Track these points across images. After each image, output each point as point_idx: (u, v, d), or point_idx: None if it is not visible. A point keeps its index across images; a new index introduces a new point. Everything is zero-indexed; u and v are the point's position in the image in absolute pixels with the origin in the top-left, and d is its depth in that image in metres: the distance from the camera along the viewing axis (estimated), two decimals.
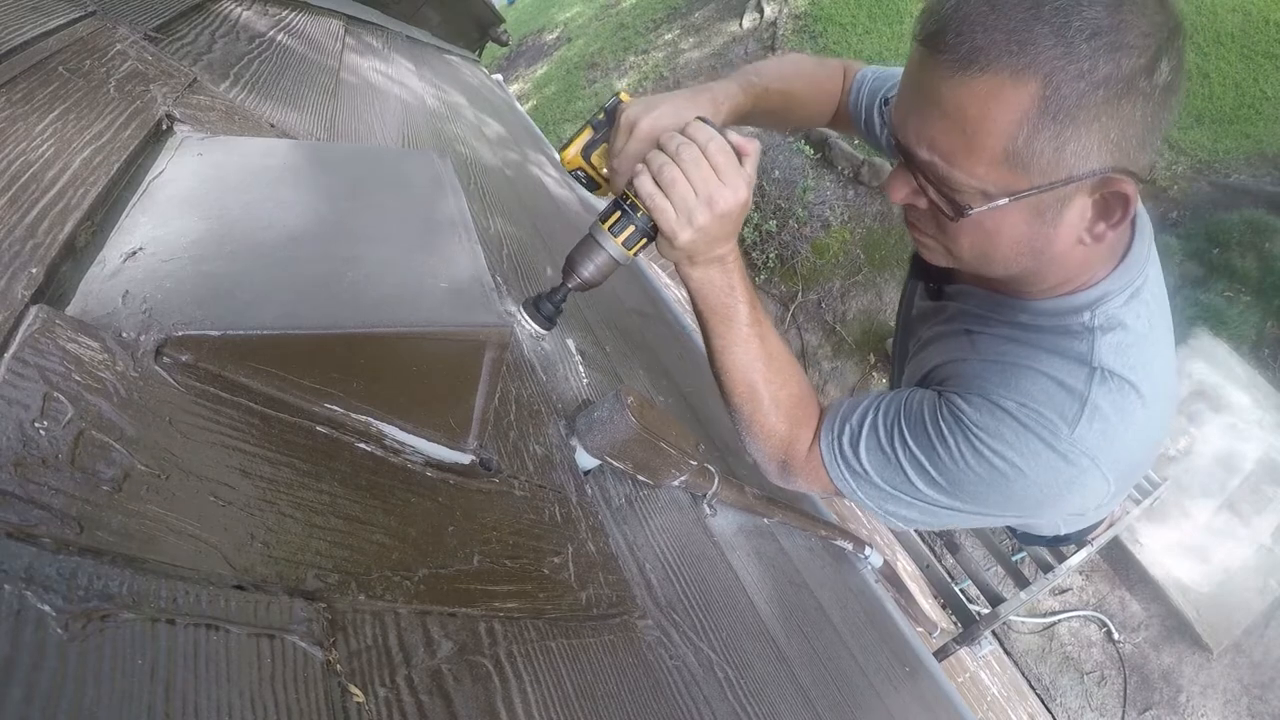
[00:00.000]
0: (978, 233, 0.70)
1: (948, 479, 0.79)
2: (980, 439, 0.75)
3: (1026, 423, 0.73)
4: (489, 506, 0.52)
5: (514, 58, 9.66)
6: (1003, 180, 0.64)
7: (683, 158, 0.71)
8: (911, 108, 0.67)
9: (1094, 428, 0.72)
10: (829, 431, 0.87)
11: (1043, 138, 0.60)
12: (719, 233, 0.74)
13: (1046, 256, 0.71)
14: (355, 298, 0.46)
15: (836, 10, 6.78)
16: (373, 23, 2.00)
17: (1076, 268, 0.74)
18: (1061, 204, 0.65)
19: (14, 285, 0.36)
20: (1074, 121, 0.59)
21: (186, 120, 0.63)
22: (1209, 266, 4.21)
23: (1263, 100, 4.99)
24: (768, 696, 0.69)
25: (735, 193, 0.72)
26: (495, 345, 0.51)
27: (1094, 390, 0.72)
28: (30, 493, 0.27)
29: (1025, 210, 0.66)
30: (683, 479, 0.81)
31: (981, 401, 0.76)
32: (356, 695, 0.32)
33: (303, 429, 0.43)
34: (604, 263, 0.76)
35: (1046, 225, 0.67)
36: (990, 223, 0.68)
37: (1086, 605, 3.72)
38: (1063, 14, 0.57)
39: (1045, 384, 0.74)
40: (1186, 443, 3.76)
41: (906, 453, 0.81)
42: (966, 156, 0.64)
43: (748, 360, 0.84)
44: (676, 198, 0.71)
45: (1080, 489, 0.75)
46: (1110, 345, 0.73)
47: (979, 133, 0.62)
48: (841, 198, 5.25)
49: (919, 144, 0.66)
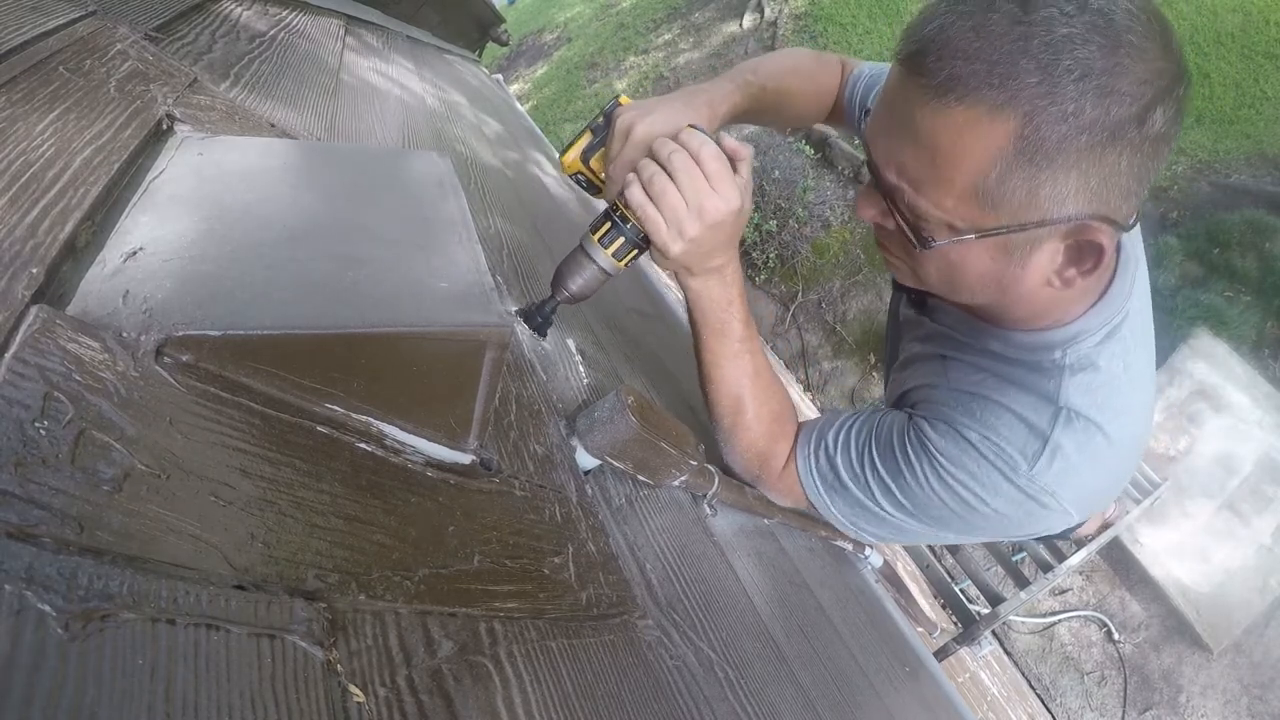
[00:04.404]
0: (943, 262, 0.68)
1: (913, 502, 0.81)
2: (944, 467, 0.76)
3: (988, 455, 0.74)
4: (489, 506, 0.52)
5: (514, 58, 9.66)
6: (971, 216, 0.61)
7: (674, 166, 0.68)
8: (884, 128, 0.64)
9: (1054, 466, 0.72)
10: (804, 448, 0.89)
11: (1016, 178, 0.57)
12: (713, 243, 0.72)
13: (1013, 294, 0.69)
14: (356, 297, 0.46)
15: (836, 10, 6.78)
16: (373, 23, 2.00)
17: (1045, 306, 0.71)
18: (1031, 245, 0.63)
19: (14, 285, 0.36)
20: (1051, 165, 0.56)
21: (187, 120, 0.63)
22: (1209, 266, 4.21)
23: (1263, 100, 4.99)
24: (768, 696, 0.69)
25: (727, 202, 0.69)
26: (496, 345, 0.51)
27: (1057, 430, 0.71)
28: (30, 493, 0.27)
29: (992, 248, 0.64)
30: (683, 479, 0.81)
31: (947, 429, 0.77)
32: (356, 695, 0.32)
33: (303, 429, 0.43)
34: (593, 275, 0.75)
35: (1014, 265, 0.65)
36: (955, 255, 0.66)
37: (1086, 605, 3.72)
38: (1052, 50, 0.53)
39: (1009, 419, 0.74)
40: (1186, 443, 3.76)
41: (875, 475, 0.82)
42: (935, 187, 0.61)
43: (736, 375, 0.84)
44: (667, 209, 0.69)
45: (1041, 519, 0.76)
46: (1078, 386, 0.72)
47: (950, 165, 0.59)
48: (841, 198, 5.25)
49: (887, 167, 0.64)
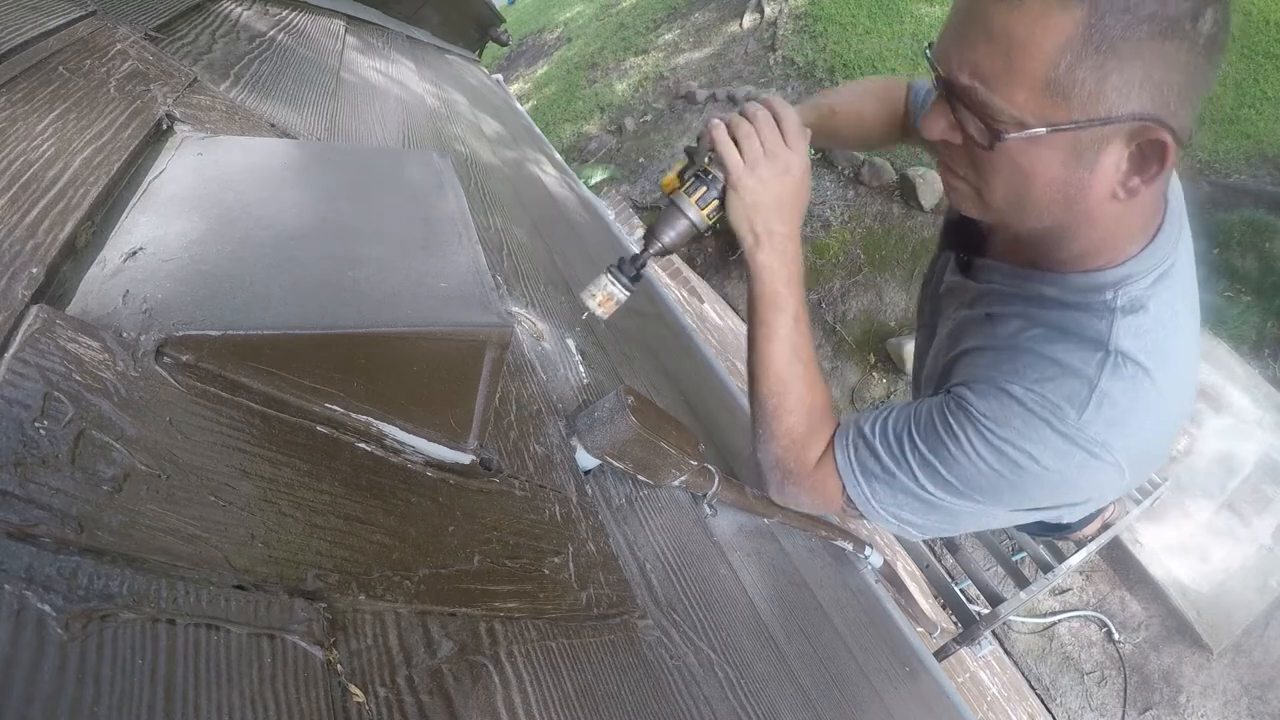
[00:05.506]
0: (1012, 170, 0.69)
1: (958, 476, 0.79)
2: (988, 428, 0.75)
3: (1034, 407, 0.73)
4: (489, 506, 0.52)
5: (514, 58, 9.66)
6: (1042, 110, 0.64)
7: (757, 117, 0.81)
8: (955, 36, 0.68)
9: (1101, 414, 0.72)
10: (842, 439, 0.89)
11: (1085, 67, 0.61)
12: (779, 195, 0.82)
13: (1079, 209, 0.70)
14: (356, 298, 0.46)
15: (836, 10, 6.77)
16: (373, 23, 2.00)
17: (1106, 232, 0.73)
18: (1098, 147, 0.65)
19: (14, 285, 0.36)
20: (1116, 54, 0.60)
21: (187, 120, 0.63)
22: (1209, 266, 4.21)
23: (1263, 100, 4.99)
24: (768, 696, 0.69)
25: (799, 155, 0.82)
26: (496, 345, 0.51)
27: (1104, 376, 0.72)
28: (30, 493, 0.27)
29: (1062, 148, 0.66)
30: (683, 479, 0.81)
31: (987, 389, 0.77)
32: (356, 695, 0.32)
33: (303, 429, 0.43)
34: (684, 228, 0.84)
35: (1082, 168, 0.67)
36: (1025, 159, 0.68)
37: (1086, 605, 3.72)
38: None
39: (1055, 370, 0.74)
40: (1186, 443, 3.76)
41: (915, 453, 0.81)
42: (1008, 82, 0.64)
43: (785, 351, 0.88)
44: (746, 148, 0.81)
45: (1092, 475, 0.75)
46: (1129, 328, 0.72)
47: (1022, 56, 0.62)
48: (842, 198, 5.25)
49: (960, 70, 0.67)
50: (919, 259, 4.99)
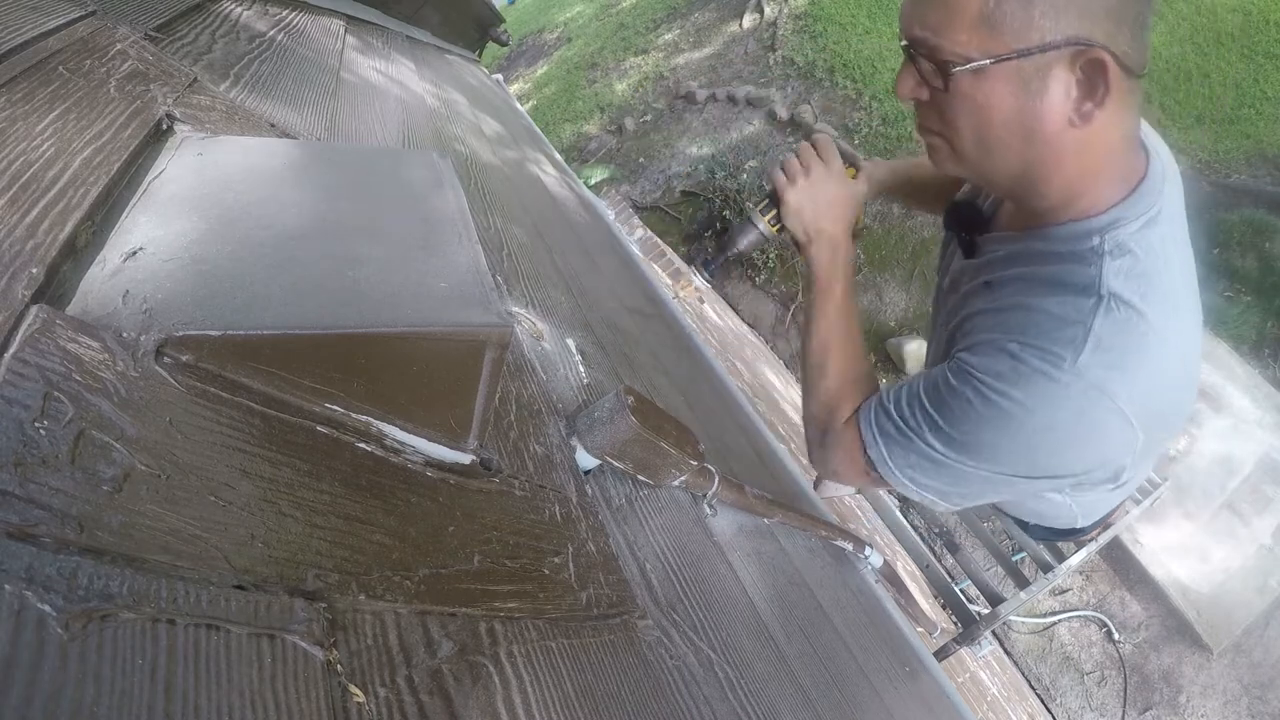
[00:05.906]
0: (971, 109, 0.75)
1: (960, 431, 0.81)
2: (984, 382, 0.78)
3: (1029, 359, 0.75)
4: (489, 506, 0.52)
5: (514, 58, 9.67)
6: (983, 44, 0.71)
7: (799, 148, 1.07)
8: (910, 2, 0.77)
9: (1097, 357, 0.72)
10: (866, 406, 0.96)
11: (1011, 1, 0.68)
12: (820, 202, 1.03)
13: (1040, 140, 0.74)
14: (356, 298, 0.46)
15: (836, 10, 6.78)
16: (373, 23, 2.00)
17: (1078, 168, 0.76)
18: (1043, 74, 0.71)
19: (14, 285, 0.36)
20: None
21: (187, 120, 0.63)
22: (1209, 266, 4.21)
23: (1263, 100, 4.99)
24: (768, 696, 0.69)
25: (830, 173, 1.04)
26: (496, 345, 0.51)
27: (1098, 319, 0.73)
28: (30, 493, 0.27)
29: (1009, 80, 0.72)
30: (683, 479, 0.81)
31: (984, 347, 0.80)
32: (356, 695, 0.32)
33: (303, 429, 0.43)
34: (755, 236, 1.10)
35: (1032, 97, 0.72)
36: (980, 94, 0.73)
37: (1086, 605, 3.72)
38: None
39: (1050, 321, 0.76)
40: (1186, 443, 3.76)
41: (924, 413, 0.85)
42: (950, 25, 0.72)
43: (829, 330, 1.03)
44: (788, 169, 1.05)
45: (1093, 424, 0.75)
46: (1118, 271, 0.74)
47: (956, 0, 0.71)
48: None
49: (913, 26, 0.75)
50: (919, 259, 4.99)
